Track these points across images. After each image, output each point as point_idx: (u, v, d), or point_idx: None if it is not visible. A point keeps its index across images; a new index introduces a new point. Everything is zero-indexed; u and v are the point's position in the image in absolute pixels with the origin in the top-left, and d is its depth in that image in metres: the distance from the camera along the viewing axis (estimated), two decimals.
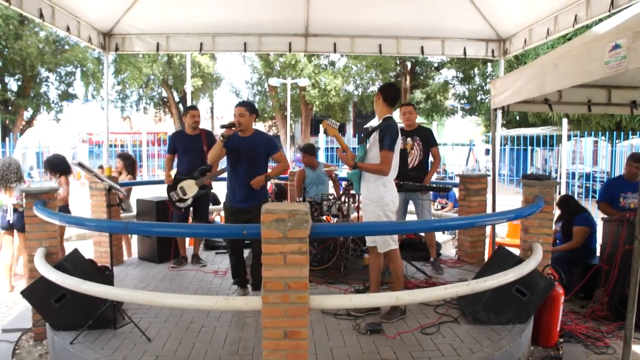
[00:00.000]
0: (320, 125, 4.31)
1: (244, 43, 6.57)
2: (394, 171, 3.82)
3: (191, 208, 5.38)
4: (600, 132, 14.48)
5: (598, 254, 5.12)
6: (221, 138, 4.08)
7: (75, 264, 3.76)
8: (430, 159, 5.45)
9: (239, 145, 4.18)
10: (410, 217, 5.57)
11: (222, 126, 4.11)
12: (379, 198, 3.75)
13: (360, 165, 3.79)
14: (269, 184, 7.75)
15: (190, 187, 5.24)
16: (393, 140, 3.71)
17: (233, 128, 4.08)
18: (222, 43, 6.61)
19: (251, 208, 4.10)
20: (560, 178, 12.19)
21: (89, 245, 5.71)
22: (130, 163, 6.81)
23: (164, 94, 28.13)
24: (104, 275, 3.99)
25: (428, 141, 5.33)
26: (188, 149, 5.28)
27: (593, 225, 5.35)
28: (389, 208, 3.77)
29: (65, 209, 5.37)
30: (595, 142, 16.10)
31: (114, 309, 3.62)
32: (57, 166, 5.39)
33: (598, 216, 5.69)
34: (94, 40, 6.18)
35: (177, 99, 28.15)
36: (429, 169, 5.38)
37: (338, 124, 4.19)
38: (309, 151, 6.38)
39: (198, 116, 5.36)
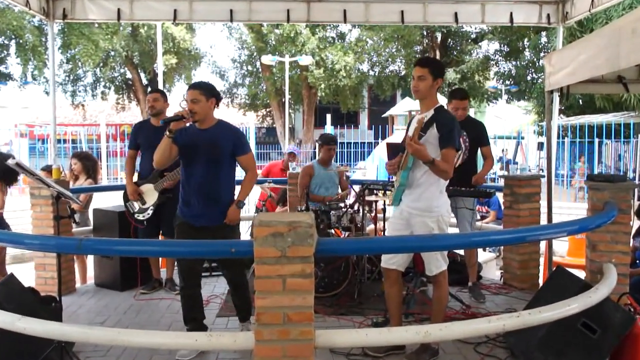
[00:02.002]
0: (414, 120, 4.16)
1: (229, 10, 6.55)
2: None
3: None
4: None
5: None
6: (167, 134, 3.90)
7: (10, 295, 3.73)
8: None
9: (196, 140, 4.00)
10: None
11: (165, 121, 3.94)
12: (433, 207, 3.79)
13: (437, 161, 3.68)
14: (260, 190, 7.76)
15: (149, 193, 5.24)
16: (459, 137, 3.86)
17: (184, 120, 3.91)
18: (201, 10, 6.60)
19: (213, 228, 4.01)
20: (639, 179, 12.13)
21: (29, 270, 5.71)
22: (90, 164, 6.82)
23: (128, 75, 28.29)
24: (49, 308, 3.98)
25: (478, 137, 5.32)
26: (151, 144, 5.20)
27: None
28: (444, 220, 3.83)
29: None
30: None
31: (62, 352, 3.59)
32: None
33: None
34: (33, 4, 6.05)
35: (144, 81, 28.31)
36: (476, 171, 5.37)
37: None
38: (334, 141, 6.38)
39: (155, 100, 5.31)
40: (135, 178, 5.44)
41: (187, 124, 4.01)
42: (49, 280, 5.32)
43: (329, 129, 21.12)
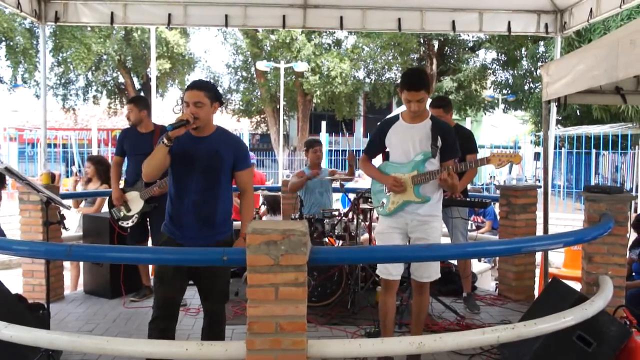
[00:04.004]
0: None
1: (224, 15, 6.59)
2: None
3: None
4: None
5: None
6: (165, 142, 3.31)
7: None
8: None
9: (191, 149, 3.46)
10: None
11: (173, 126, 3.29)
12: (440, 210, 4.01)
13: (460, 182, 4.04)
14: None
15: (134, 201, 5.27)
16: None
17: (187, 126, 3.34)
18: (196, 15, 6.63)
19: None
20: (636, 191, 12.18)
21: (17, 276, 5.68)
22: (103, 169, 6.84)
23: (121, 80, 28.22)
24: (36, 316, 3.96)
25: (466, 146, 5.33)
26: (135, 150, 5.25)
27: None
28: None
29: None
30: None
31: None
32: None
33: None
34: (25, 6, 6.06)
35: (137, 85, 28.25)
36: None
37: None
38: (318, 142, 6.39)
39: (130, 111, 5.34)
40: (121, 185, 5.46)
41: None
42: (37, 287, 5.30)
43: (323, 136, 21.11)
